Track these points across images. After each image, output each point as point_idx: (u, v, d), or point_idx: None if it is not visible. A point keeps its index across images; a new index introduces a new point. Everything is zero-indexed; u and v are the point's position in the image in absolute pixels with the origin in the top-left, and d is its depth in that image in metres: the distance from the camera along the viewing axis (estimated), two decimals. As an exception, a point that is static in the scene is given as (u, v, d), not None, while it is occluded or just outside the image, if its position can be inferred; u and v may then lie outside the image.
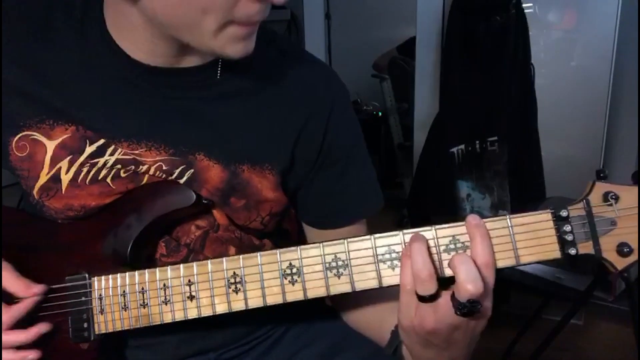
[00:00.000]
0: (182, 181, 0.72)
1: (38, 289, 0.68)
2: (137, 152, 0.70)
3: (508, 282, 1.98)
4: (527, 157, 2.22)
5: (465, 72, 2.16)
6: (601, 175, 0.58)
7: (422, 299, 0.57)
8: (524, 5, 2.12)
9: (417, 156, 2.40)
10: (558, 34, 2.37)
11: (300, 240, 0.89)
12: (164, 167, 0.71)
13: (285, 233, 0.89)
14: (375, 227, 0.84)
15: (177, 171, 0.72)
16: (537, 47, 2.27)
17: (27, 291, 0.68)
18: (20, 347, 0.68)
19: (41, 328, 0.68)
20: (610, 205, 0.57)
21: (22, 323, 0.68)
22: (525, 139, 2.21)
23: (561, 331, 1.63)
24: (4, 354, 0.67)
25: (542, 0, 2.30)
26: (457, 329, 0.58)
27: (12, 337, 0.66)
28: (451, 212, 2.18)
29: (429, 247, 0.58)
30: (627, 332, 1.80)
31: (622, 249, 0.57)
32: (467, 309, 0.54)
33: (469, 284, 0.53)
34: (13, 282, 0.68)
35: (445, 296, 0.57)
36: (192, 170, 0.72)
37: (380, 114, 3.57)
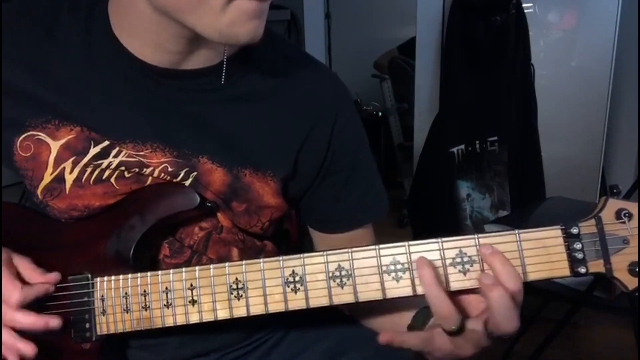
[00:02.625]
0: (187, 183, 0.72)
1: (53, 276, 0.68)
2: (141, 153, 0.71)
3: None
4: (527, 157, 2.23)
5: (465, 72, 2.17)
6: (614, 191, 0.57)
7: (450, 333, 0.56)
8: (524, 5, 2.12)
9: (417, 156, 2.40)
10: (558, 34, 2.36)
11: (300, 240, 0.89)
12: (169, 169, 0.71)
13: (285, 233, 0.89)
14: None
15: (182, 173, 0.72)
16: (537, 47, 2.27)
17: (42, 278, 0.68)
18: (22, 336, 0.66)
19: (52, 322, 0.66)
20: (623, 223, 0.55)
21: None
22: (525, 139, 2.21)
23: (561, 331, 1.63)
24: (6, 333, 0.64)
25: (542, 0, 2.30)
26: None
27: (21, 317, 0.64)
28: (451, 212, 2.18)
29: (436, 277, 0.57)
30: (627, 332, 1.80)
31: (634, 269, 0.55)
32: (499, 335, 0.55)
33: (505, 325, 0.54)
34: (30, 270, 0.68)
35: (476, 324, 0.56)
36: (196, 173, 0.72)
37: (380, 114, 3.57)
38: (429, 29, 2.47)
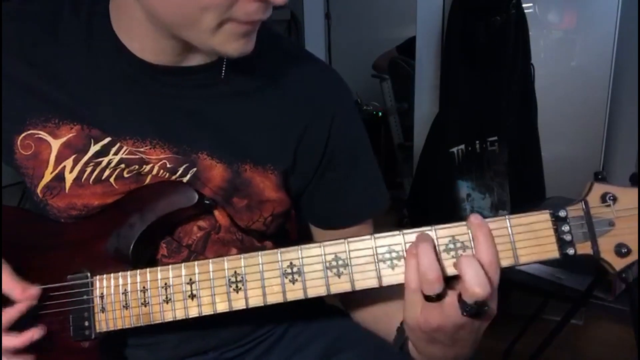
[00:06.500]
0: (185, 179, 0.72)
1: (34, 291, 0.67)
2: (142, 149, 0.71)
3: (508, 282, 1.98)
4: (527, 157, 2.23)
5: (465, 72, 2.17)
6: (599, 176, 0.59)
7: (428, 298, 0.57)
8: (524, 5, 2.12)
9: (417, 156, 2.41)
10: (558, 34, 2.37)
11: (300, 239, 0.89)
12: (168, 165, 0.71)
13: (285, 233, 0.89)
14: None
15: (181, 169, 0.72)
16: (537, 47, 2.28)
17: (22, 294, 0.67)
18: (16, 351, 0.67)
19: (34, 334, 0.67)
20: (609, 206, 0.57)
21: (20, 323, 0.67)
22: (525, 139, 2.21)
23: (561, 331, 1.63)
24: (3, 357, 0.66)
25: (542, 0, 2.31)
26: (462, 328, 0.58)
27: (9, 340, 0.66)
28: (451, 212, 2.18)
29: (435, 247, 0.58)
30: (627, 332, 1.80)
31: (620, 250, 0.57)
32: (474, 310, 0.54)
33: (476, 287, 0.53)
34: (9, 284, 0.67)
35: (452, 295, 0.56)
36: (195, 169, 0.72)
37: (380, 114, 3.57)
38: (429, 29, 2.48)
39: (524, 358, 1.72)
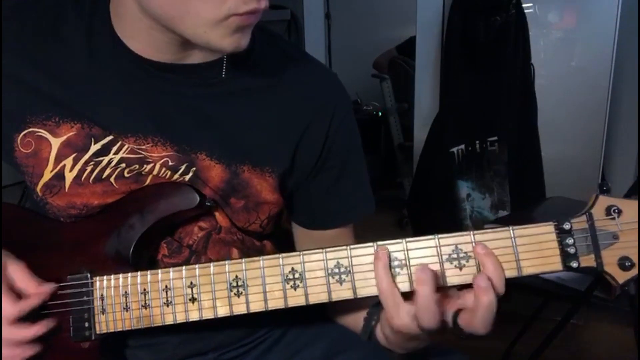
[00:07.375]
0: (187, 177, 0.72)
1: (48, 288, 0.68)
2: (143, 147, 0.71)
3: (508, 281, 1.98)
4: (527, 157, 2.23)
5: (465, 72, 2.17)
6: (604, 188, 0.59)
7: (422, 328, 0.57)
8: (524, 5, 2.13)
9: (417, 156, 2.41)
10: (558, 34, 2.37)
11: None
12: (170, 163, 0.71)
13: (284, 233, 0.89)
14: (375, 227, 0.85)
15: (183, 167, 0.72)
16: (537, 47, 2.28)
17: (36, 289, 0.68)
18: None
19: (46, 325, 0.67)
20: (613, 219, 0.57)
21: (26, 321, 0.67)
22: (525, 139, 2.22)
23: (561, 331, 1.63)
24: (7, 349, 0.66)
25: (542, 0, 2.31)
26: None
27: (17, 332, 0.66)
28: (451, 212, 2.19)
29: (435, 289, 0.57)
30: (627, 332, 1.80)
31: (624, 263, 0.57)
32: (468, 337, 0.57)
33: (481, 328, 0.56)
34: (25, 280, 0.68)
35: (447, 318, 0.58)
36: (195, 168, 0.72)
37: (380, 114, 3.57)
38: (429, 29, 2.48)
39: (524, 358, 1.72)
